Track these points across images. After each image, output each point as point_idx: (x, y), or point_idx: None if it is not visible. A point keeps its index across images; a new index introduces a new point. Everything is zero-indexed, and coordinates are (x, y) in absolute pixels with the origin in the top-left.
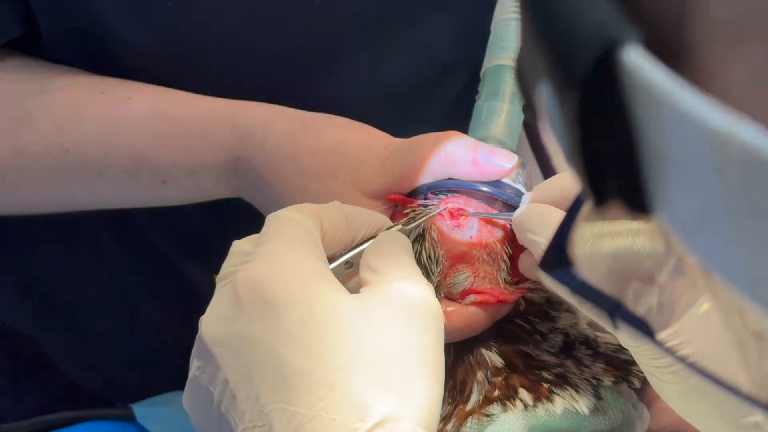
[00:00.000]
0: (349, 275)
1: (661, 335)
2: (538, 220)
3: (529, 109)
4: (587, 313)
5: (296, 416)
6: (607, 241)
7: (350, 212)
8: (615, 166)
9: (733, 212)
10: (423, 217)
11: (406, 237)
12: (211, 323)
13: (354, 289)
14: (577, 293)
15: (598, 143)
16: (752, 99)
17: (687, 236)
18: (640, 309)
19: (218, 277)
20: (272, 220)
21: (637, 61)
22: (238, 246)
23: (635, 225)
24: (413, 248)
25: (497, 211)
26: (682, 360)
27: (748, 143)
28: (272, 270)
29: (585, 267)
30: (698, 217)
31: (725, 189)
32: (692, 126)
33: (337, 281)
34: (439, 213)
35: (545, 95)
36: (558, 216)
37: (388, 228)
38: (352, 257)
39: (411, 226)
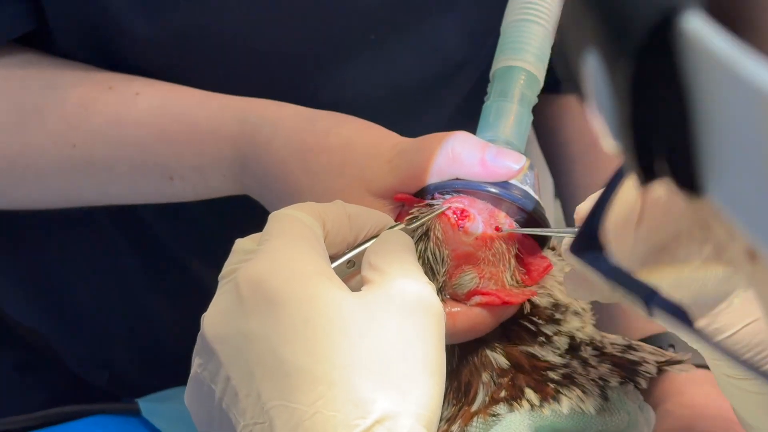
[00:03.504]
0: (352, 274)
1: (700, 323)
2: None
3: (572, 82)
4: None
5: (297, 413)
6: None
7: (353, 211)
8: (666, 141)
9: None
10: (426, 216)
11: (408, 236)
12: (212, 320)
13: (356, 288)
14: (610, 278)
15: (650, 116)
16: None
17: (742, 216)
18: (676, 296)
19: (221, 275)
20: (275, 219)
21: (698, 27)
22: (241, 244)
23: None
24: (418, 247)
25: (503, 212)
26: (722, 348)
27: None
28: (274, 268)
29: (618, 251)
30: (757, 194)
31: None
32: (756, 96)
33: (339, 279)
34: (444, 213)
35: (592, 67)
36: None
37: (391, 227)
38: (354, 256)
39: (414, 225)
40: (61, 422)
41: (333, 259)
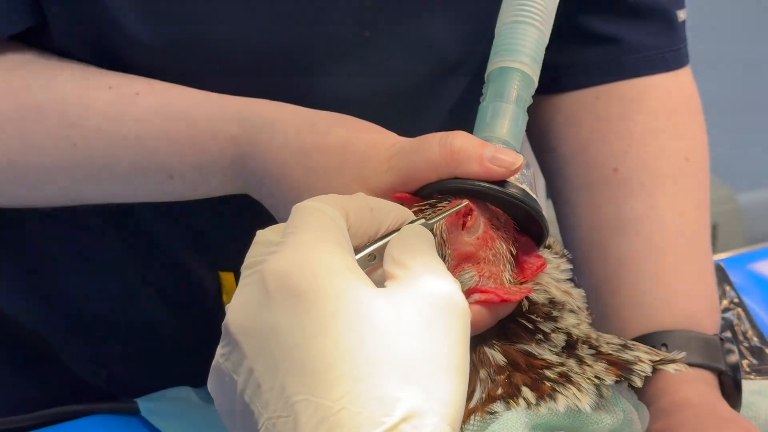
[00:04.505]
0: (373, 267)
1: None
2: None
3: None
4: None
5: (322, 408)
6: None
7: (374, 204)
8: None
9: None
10: (444, 212)
11: (429, 231)
12: (237, 312)
13: (378, 281)
14: None
15: None
16: None
17: None
18: None
19: (244, 266)
20: (299, 211)
21: None
22: (263, 235)
23: None
24: None
25: (501, 211)
26: None
27: None
28: (301, 261)
29: None
30: None
31: None
32: None
33: (364, 274)
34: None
35: None
36: None
37: (412, 221)
38: (375, 249)
39: (434, 220)
40: (60, 422)
41: (355, 251)
